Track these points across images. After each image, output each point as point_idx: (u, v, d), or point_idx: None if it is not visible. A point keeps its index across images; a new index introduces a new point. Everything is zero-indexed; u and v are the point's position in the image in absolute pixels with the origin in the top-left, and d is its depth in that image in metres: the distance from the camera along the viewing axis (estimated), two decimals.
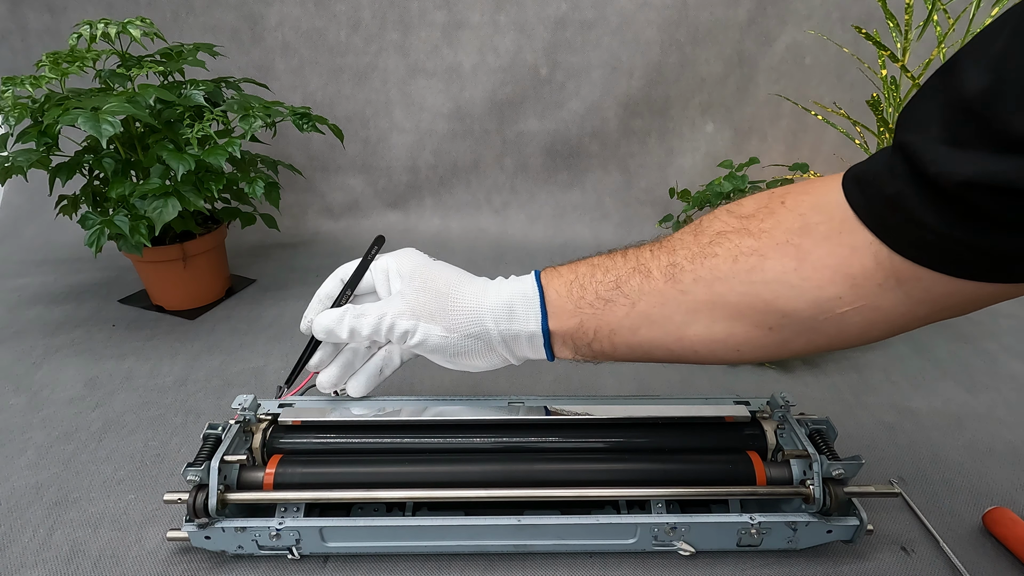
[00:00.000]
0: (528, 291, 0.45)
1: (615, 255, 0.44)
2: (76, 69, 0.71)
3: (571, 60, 1.09)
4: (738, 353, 0.42)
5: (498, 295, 0.46)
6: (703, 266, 0.40)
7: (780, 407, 0.53)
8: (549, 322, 0.45)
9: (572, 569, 0.49)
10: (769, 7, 1.05)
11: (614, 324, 0.43)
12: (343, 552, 0.49)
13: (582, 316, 0.44)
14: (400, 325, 0.45)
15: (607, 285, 0.43)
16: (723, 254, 0.39)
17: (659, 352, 0.44)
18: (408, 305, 0.46)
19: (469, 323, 0.45)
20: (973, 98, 0.28)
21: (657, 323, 0.42)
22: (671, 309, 0.41)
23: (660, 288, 0.41)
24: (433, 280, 0.46)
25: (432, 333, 0.45)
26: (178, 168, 0.71)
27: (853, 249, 0.35)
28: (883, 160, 0.34)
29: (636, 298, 0.42)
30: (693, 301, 0.41)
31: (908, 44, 0.78)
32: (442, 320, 0.45)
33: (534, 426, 0.53)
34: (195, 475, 0.46)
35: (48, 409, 0.67)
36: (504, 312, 0.45)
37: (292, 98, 1.11)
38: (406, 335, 0.46)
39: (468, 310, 0.45)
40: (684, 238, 0.42)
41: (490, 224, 1.17)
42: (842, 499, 0.46)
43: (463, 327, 0.45)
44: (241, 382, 0.72)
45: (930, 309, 0.36)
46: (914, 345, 0.79)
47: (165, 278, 0.86)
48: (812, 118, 1.11)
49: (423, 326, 0.45)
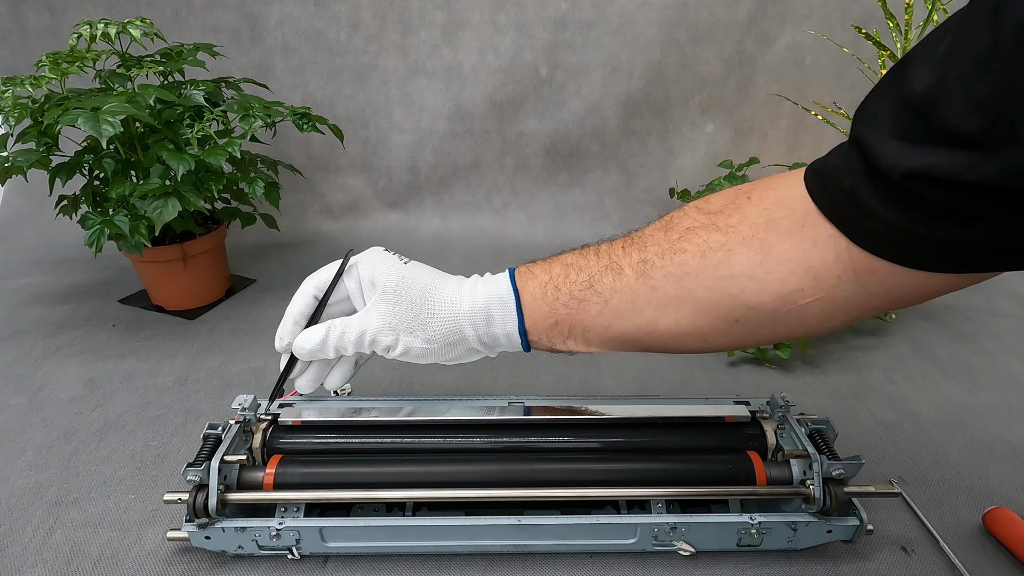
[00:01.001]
0: (504, 295, 0.46)
1: (587, 252, 0.45)
2: (76, 69, 0.71)
3: (571, 60, 1.09)
4: (705, 343, 0.43)
5: (473, 300, 0.46)
6: (672, 262, 0.41)
7: (780, 407, 0.53)
8: (525, 323, 0.45)
9: (572, 569, 0.49)
10: (769, 7, 1.05)
11: (587, 322, 0.44)
12: (343, 552, 0.49)
13: (557, 316, 0.45)
14: (381, 341, 0.46)
15: (580, 285, 0.44)
16: (692, 250, 0.40)
17: (629, 344, 0.45)
18: (386, 320, 0.46)
19: (448, 332, 0.46)
20: (919, 95, 0.29)
21: (628, 318, 0.43)
22: (642, 304, 0.42)
23: (631, 285, 0.42)
24: (407, 291, 0.47)
25: (413, 345, 0.46)
26: (178, 168, 0.71)
27: (814, 242, 0.37)
28: (841, 154, 0.35)
29: (608, 296, 0.43)
30: (663, 296, 0.42)
31: (908, 44, 0.78)
32: (421, 332, 0.46)
33: (534, 426, 0.53)
34: (195, 475, 0.46)
35: (48, 409, 0.67)
36: (481, 317, 0.46)
37: (292, 98, 1.11)
38: (388, 349, 0.47)
39: (446, 319, 0.46)
40: (655, 234, 0.43)
41: (490, 224, 1.17)
42: (842, 499, 0.46)
43: (442, 337, 0.46)
44: (241, 382, 0.72)
45: (883, 300, 0.37)
46: (914, 345, 0.79)
47: (165, 278, 0.86)
48: (812, 118, 1.11)
49: (403, 339, 0.46)
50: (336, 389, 0.52)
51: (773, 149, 1.15)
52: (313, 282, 0.51)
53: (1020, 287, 0.94)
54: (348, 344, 0.47)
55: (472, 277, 0.49)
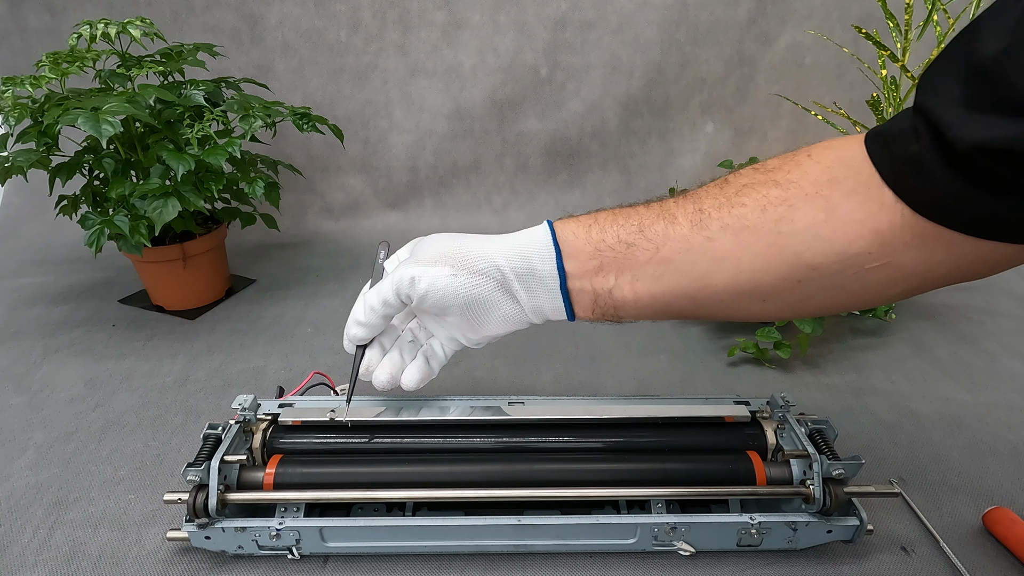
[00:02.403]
0: (538, 233, 0.44)
1: (635, 205, 0.43)
2: (76, 69, 0.71)
3: (571, 60, 1.09)
4: (762, 305, 0.41)
5: (507, 239, 0.44)
6: (730, 214, 0.39)
7: (780, 407, 0.53)
8: (565, 263, 0.43)
9: (572, 569, 0.49)
10: (769, 7, 1.05)
11: (636, 270, 0.42)
12: (343, 552, 0.49)
13: (602, 259, 0.42)
14: (407, 274, 0.44)
15: (629, 229, 0.42)
16: (751, 204, 0.39)
17: (682, 302, 0.42)
18: (415, 259, 0.45)
19: (478, 259, 0.43)
20: (988, 60, 0.28)
21: (681, 270, 0.41)
22: (696, 256, 0.40)
23: (685, 234, 0.40)
24: (436, 239, 0.46)
25: (439, 275, 0.43)
26: (178, 168, 0.71)
27: (881, 205, 0.35)
28: (906, 120, 0.34)
29: (660, 243, 0.41)
30: (719, 249, 0.40)
31: (908, 44, 0.78)
32: (448, 261, 0.43)
33: (534, 426, 0.53)
34: (195, 475, 0.46)
35: (48, 409, 0.67)
36: (516, 251, 0.43)
37: (292, 98, 1.11)
38: (413, 282, 0.44)
39: (476, 250, 0.44)
40: (710, 190, 0.41)
41: (490, 224, 1.17)
42: (842, 499, 0.46)
43: (471, 263, 0.43)
44: (241, 382, 0.72)
45: (948, 270, 0.36)
46: (914, 345, 0.79)
47: (165, 278, 0.86)
48: (812, 118, 1.11)
49: (430, 269, 0.43)
50: (414, 388, 0.49)
51: (773, 149, 1.15)
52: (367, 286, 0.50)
53: (1020, 287, 0.94)
54: (377, 294, 0.45)
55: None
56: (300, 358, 0.77)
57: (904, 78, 0.78)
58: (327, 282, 0.97)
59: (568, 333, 0.83)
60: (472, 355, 0.78)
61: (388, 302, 0.45)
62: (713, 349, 0.79)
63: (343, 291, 0.94)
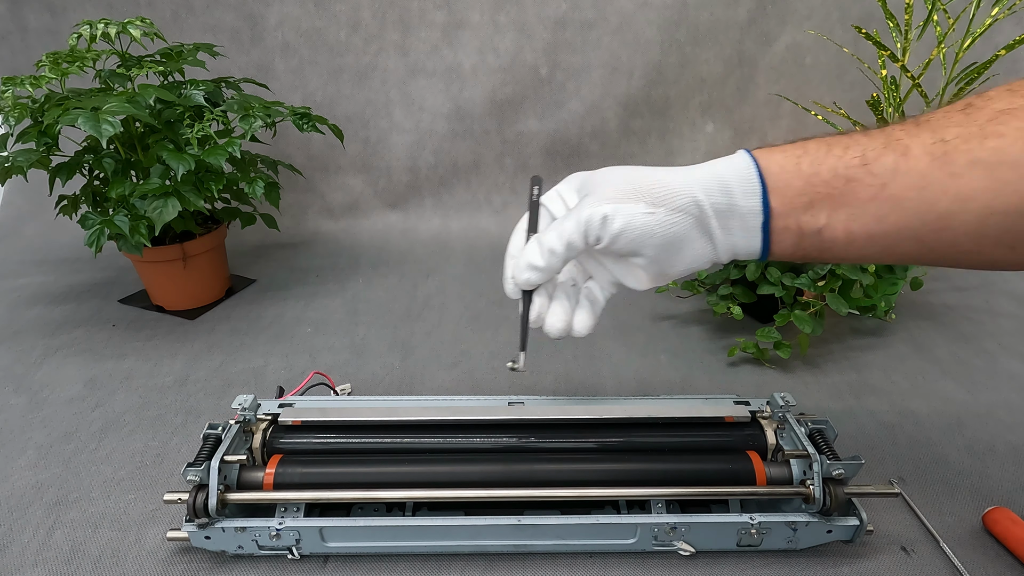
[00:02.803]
0: (739, 163, 0.39)
1: (851, 133, 0.38)
2: (76, 69, 0.71)
3: (571, 60, 1.09)
4: (1010, 252, 0.36)
5: (703, 169, 0.40)
6: (983, 147, 0.34)
7: (780, 407, 0.53)
8: (771, 199, 0.38)
9: (572, 569, 0.49)
10: (769, 7, 1.05)
11: (855, 208, 0.37)
12: (343, 552, 0.49)
13: (812, 195, 0.38)
14: (596, 213, 0.39)
15: (849, 162, 0.37)
16: (1011, 135, 0.33)
17: (907, 245, 0.38)
18: (602, 195, 0.40)
19: (675, 195, 0.39)
20: None
21: (913, 210, 0.36)
22: (935, 193, 0.35)
23: (922, 169, 0.35)
24: (615, 171, 0.41)
25: (635, 212, 0.39)
26: (178, 168, 0.71)
27: None
28: None
29: (888, 178, 0.36)
30: (967, 187, 0.34)
31: (908, 44, 0.78)
32: (643, 197, 0.39)
33: (534, 426, 0.53)
34: (195, 475, 0.46)
35: (48, 409, 0.67)
36: (715, 184, 0.39)
37: (292, 98, 1.11)
38: (606, 221, 0.39)
39: (672, 183, 0.39)
40: (951, 116, 0.36)
41: (490, 224, 1.17)
42: (842, 499, 0.46)
43: (669, 199, 0.39)
44: (241, 382, 0.72)
45: None
46: (914, 345, 0.79)
47: (165, 278, 0.86)
48: (812, 118, 1.11)
49: (624, 207, 0.39)
50: (585, 334, 0.46)
51: None
52: (524, 220, 0.46)
53: (1020, 287, 0.94)
54: (559, 237, 0.41)
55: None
56: (300, 358, 0.77)
57: (904, 78, 0.78)
58: (327, 282, 0.97)
59: None
60: (472, 355, 0.78)
61: (573, 244, 0.41)
62: (713, 349, 0.79)
63: (343, 291, 0.94)
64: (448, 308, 0.90)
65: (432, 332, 0.83)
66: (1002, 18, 0.75)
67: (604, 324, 0.85)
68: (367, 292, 0.94)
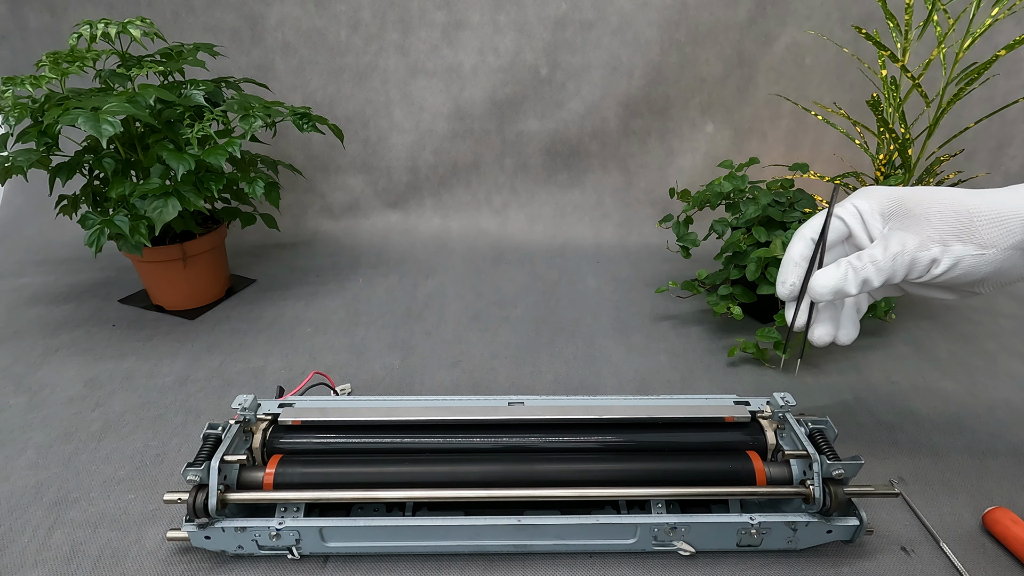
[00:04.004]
0: None
1: None
2: (76, 69, 0.71)
3: (571, 60, 1.09)
4: None
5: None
6: None
7: (780, 407, 0.53)
8: None
9: (572, 569, 0.49)
10: (769, 7, 1.05)
11: None
12: (343, 552, 0.49)
13: None
14: (924, 256, 0.40)
15: None
16: None
17: None
18: (924, 234, 0.40)
19: (1008, 233, 0.39)
20: None
21: None
22: None
23: None
24: (935, 202, 0.40)
25: (965, 255, 0.39)
26: (178, 168, 0.71)
27: None
28: None
29: None
30: None
31: (908, 44, 0.78)
32: (972, 237, 0.39)
33: (534, 426, 0.53)
34: (195, 475, 0.46)
35: (48, 409, 0.67)
36: None
37: (292, 98, 1.11)
38: (932, 264, 0.40)
39: (1002, 218, 0.39)
40: None
41: (490, 224, 1.17)
42: (842, 499, 0.46)
43: (1001, 239, 0.39)
44: (241, 382, 0.72)
45: None
46: (914, 345, 0.79)
47: (165, 278, 0.86)
48: (812, 118, 1.11)
49: (953, 249, 0.39)
50: (846, 342, 0.47)
51: (773, 149, 1.15)
52: (810, 226, 0.46)
53: (1020, 287, 0.94)
54: (879, 272, 0.41)
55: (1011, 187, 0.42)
56: (300, 358, 0.77)
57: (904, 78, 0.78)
58: (327, 282, 0.97)
59: (568, 333, 0.83)
60: (472, 355, 0.78)
61: (892, 279, 0.41)
62: (713, 349, 0.79)
63: (343, 291, 0.94)
64: (448, 308, 0.90)
65: (432, 332, 0.83)
66: (1002, 18, 0.75)
67: (604, 324, 0.85)
68: (367, 292, 0.94)
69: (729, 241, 0.79)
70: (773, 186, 0.80)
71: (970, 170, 1.10)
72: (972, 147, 1.12)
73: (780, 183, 0.80)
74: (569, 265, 1.04)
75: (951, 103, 0.77)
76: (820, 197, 0.85)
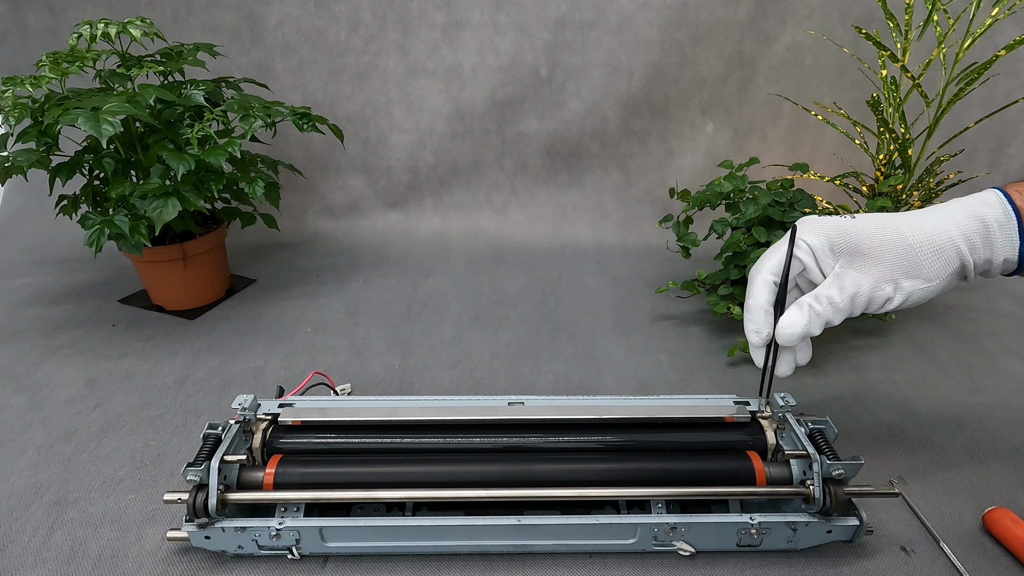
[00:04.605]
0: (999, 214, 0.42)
1: None
2: (76, 69, 0.71)
3: (571, 60, 1.09)
4: None
5: (962, 218, 0.42)
6: None
7: (780, 407, 0.53)
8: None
9: (572, 569, 0.49)
10: (769, 7, 1.05)
11: None
12: (343, 552, 0.49)
13: None
14: (879, 295, 0.43)
15: None
16: None
17: None
18: (876, 274, 0.43)
19: (947, 263, 0.42)
20: None
21: None
22: None
23: None
24: (880, 240, 0.43)
25: (915, 289, 0.43)
26: (178, 168, 0.71)
27: None
28: None
29: None
30: None
31: (908, 44, 0.78)
32: (919, 272, 0.43)
33: (534, 426, 0.53)
34: (195, 475, 0.46)
35: (48, 409, 0.67)
36: (979, 238, 0.42)
37: (292, 98, 1.11)
38: (886, 302, 0.44)
39: (940, 249, 0.42)
40: None
41: (490, 224, 1.17)
42: (842, 499, 0.46)
43: (943, 270, 0.42)
44: (241, 382, 0.72)
45: None
46: (914, 345, 0.79)
47: (165, 278, 0.86)
48: (812, 118, 1.11)
49: (903, 286, 0.43)
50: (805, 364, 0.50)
51: (773, 149, 1.15)
52: (767, 268, 0.48)
53: (1020, 287, 0.94)
54: (839, 312, 0.44)
55: (938, 205, 0.45)
56: (300, 358, 0.77)
57: (904, 78, 0.78)
58: (327, 282, 0.97)
59: (568, 333, 0.83)
60: (472, 355, 0.78)
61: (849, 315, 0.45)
62: (713, 349, 0.79)
63: (343, 291, 0.94)
64: (448, 308, 0.90)
65: (432, 332, 0.83)
66: (1002, 18, 0.75)
67: (604, 324, 0.85)
68: (367, 292, 0.94)
69: (729, 241, 0.79)
70: (773, 186, 0.80)
71: (970, 170, 1.10)
72: (972, 147, 1.12)
73: (780, 183, 0.80)
74: (569, 265, 1.04)
75: (951, 103, 0.77)
76: (820, 197, 0.85)
